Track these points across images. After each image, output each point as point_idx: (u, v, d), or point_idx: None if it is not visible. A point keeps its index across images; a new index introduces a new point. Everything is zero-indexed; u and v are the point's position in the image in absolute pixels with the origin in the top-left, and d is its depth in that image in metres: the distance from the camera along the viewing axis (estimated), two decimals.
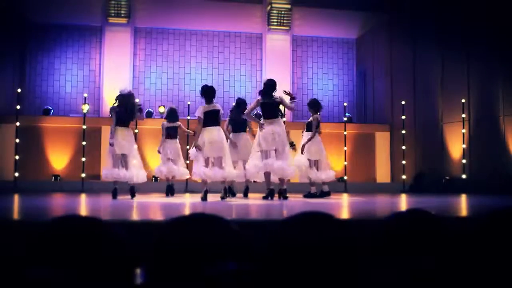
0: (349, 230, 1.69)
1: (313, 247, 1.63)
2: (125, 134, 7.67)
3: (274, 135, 7.36)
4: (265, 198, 7.47)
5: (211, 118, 7.22)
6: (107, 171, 7.71)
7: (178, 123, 9.07)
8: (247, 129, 8.58)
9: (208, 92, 7.41)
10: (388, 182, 12.66)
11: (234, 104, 8.93)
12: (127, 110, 7.69)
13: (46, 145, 11.61)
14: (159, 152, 8.92)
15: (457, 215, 4.11)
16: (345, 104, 12.94)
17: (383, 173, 12.88)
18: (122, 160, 7.74)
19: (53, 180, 11.28)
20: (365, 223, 3.00)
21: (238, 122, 8.54)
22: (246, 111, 7.96)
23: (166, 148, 8.89)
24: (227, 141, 7.75)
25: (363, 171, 12.75)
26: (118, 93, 7.90)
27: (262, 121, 7.50)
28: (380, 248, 1.83)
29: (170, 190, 8.90)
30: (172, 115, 9.00)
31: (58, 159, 11.61)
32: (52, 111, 12.37)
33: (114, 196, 7.44)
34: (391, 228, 1.89)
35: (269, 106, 7.51)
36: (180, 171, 8.97)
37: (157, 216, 4.64)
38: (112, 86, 13.37)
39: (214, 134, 7.16)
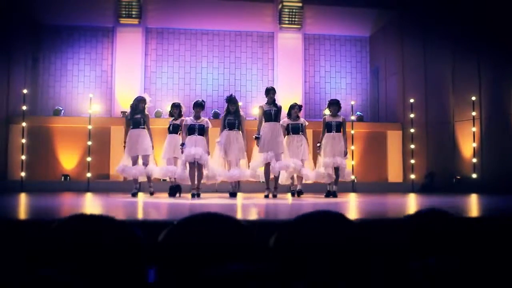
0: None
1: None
2: None
3: None
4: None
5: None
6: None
7: (180, 120, 8.64)
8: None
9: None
10: (400, 182, 12.43)
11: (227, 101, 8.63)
12: None
13: (56, 146, 11.74)
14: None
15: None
16: (352, 102, 12.77)
17: (395, 173, 12.66)
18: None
19: (62, 180, 11.41)
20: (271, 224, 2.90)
21: (231, 120, 8.44)
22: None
23: (168, 143, 8.65)
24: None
25: (375, 170, 12.56)
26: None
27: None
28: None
29: (172, 190, 8.61)
30: (172, 113, 8.81)
31: (68, 159, 11.74)
32: (62, 111, 12.50)
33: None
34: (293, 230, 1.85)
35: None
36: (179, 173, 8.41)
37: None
38: (123, 87, 13.52)
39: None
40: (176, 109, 8.78)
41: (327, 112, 8.94)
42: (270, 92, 8.29)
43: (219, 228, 1.77)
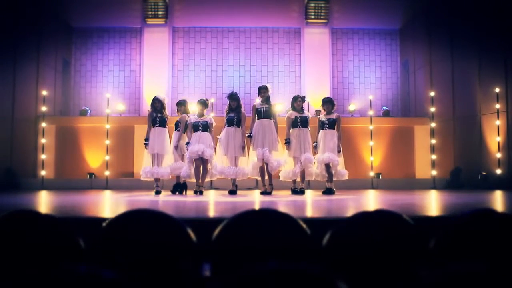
0: None
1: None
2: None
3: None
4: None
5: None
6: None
7: (181, 116, 8.57)
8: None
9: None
10: (427, 179, 11.99)
11: (228, 98, 8.58)
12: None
13: (82, 145, 12.09)
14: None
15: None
16: (370, 97, 12.46)
17: (422, 169, 12.23)
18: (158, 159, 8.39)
19: (88, 178, 11.76)
20: None
21: (231, 116, 8.41)
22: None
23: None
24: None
25: (402, 166, 12.18)
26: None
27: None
28: None
29: (175, 187, 8.52)
30: (179, 111, 8.76)
31: (93, 157, 12.06)
32: (89, 111, 12.86)
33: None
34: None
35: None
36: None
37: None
38: (151, 86, 13.77)
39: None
40: (180, 106, 8.72)
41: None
42: (261, 90, 8.40)
43: (272, 225, 1.93)
